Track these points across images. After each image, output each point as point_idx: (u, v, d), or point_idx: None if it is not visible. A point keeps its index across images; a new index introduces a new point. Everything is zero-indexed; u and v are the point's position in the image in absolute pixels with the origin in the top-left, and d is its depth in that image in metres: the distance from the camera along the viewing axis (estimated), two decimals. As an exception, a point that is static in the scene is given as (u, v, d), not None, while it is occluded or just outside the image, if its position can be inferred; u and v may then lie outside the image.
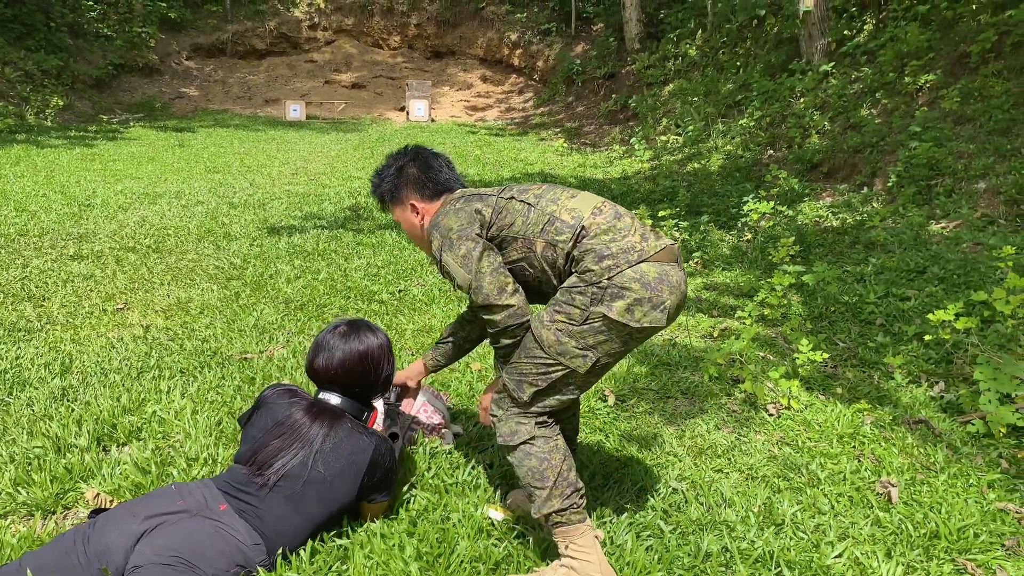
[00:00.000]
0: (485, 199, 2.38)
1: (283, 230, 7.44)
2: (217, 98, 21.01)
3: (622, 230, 2.19)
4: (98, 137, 14.39)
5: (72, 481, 2.77)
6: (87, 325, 4.60)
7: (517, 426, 2.25)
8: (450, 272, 2.29)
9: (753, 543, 2.50)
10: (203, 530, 2.07)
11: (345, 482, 2.31)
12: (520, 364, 2.23)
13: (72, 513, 2.63)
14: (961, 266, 5.38)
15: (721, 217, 8.07)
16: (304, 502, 2.26)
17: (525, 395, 2.22)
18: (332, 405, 2.45)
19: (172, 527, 2.05)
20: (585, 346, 2.14)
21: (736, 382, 3.94)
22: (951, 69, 9.17)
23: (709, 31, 15.49)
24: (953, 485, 2.92)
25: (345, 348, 2.47)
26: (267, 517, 2.19)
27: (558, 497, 2.19)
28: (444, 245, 2.31)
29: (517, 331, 2.24)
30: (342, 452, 2.32)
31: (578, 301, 2.13)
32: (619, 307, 2.09)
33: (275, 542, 2.19)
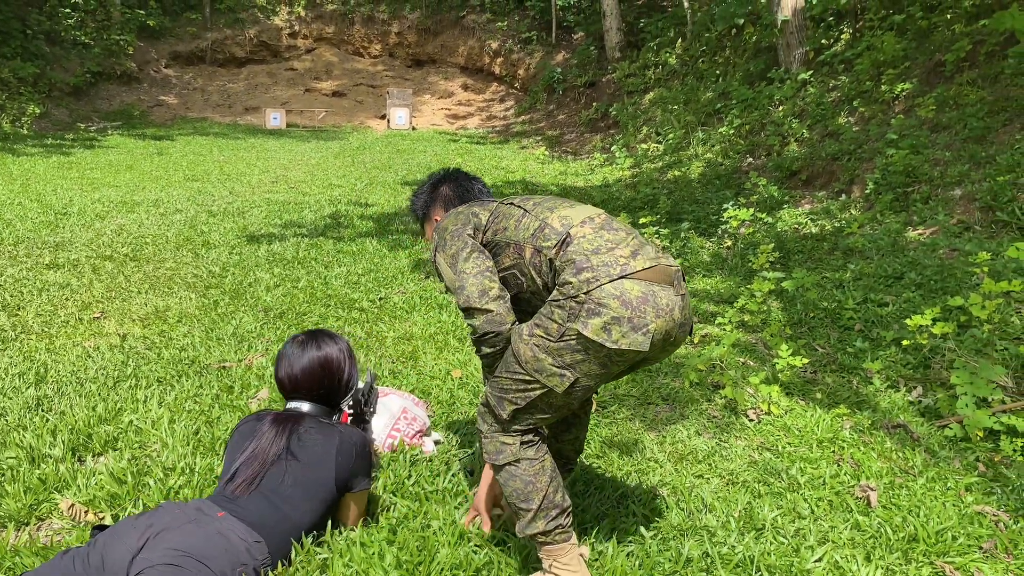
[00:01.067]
0: (485, 204, 2.39)
1: (263, 238, 7.39)
2: (196, 106, 20.89)
3: (609, 242, 2.09)
4: (75, 145, 14.26)
5: (46, 492, 2.73)
6: (63, 334, 4.55)
7: (502, 446, 2.19)
8: (439, 271, 2.28)
9: (734, 548, 2.50)
10: (206, 531, 2.08)
11: (322, 468, 2.35)
12: (501, 379, 2.16)
13: (46, 525, 2.59)
14: (938, 272, 5.43)
15: (701, 224, 8.11)
16: (290, 498, 2.29)
17: (505, 412, 2.15)
18: (301, 412, 2.48)
19: (174, 531, 2.04)
20: (563, 364, 2.03)
21: (716, 388, 3.95)
22: (927, 78, 9.29)
23: (689, 40, 15.60)
24: (931, 489, 2.94)
25: (304, 356, 2.53)
26: (261, 518, 2.21)
27: (543, 519, 2.15)
28: (439, 245, 2.30)
29: (495, 340, 2.17)
30: (312, 443, 2.37)
31: (556, 315, 2.03)
32: (595, 325, 1.97)
33: (274, 539, 2.21)
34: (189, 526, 2.08)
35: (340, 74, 23.98)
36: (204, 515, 2.15)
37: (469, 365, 4.18)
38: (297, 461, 2.33)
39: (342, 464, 2.37)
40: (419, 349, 4.47)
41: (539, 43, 21.64)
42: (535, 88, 20.61)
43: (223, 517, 2.16)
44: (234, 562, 2.06)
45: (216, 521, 2.13)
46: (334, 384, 2.57)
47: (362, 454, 2.44)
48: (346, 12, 24.46)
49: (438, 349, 4.48)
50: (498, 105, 22.26)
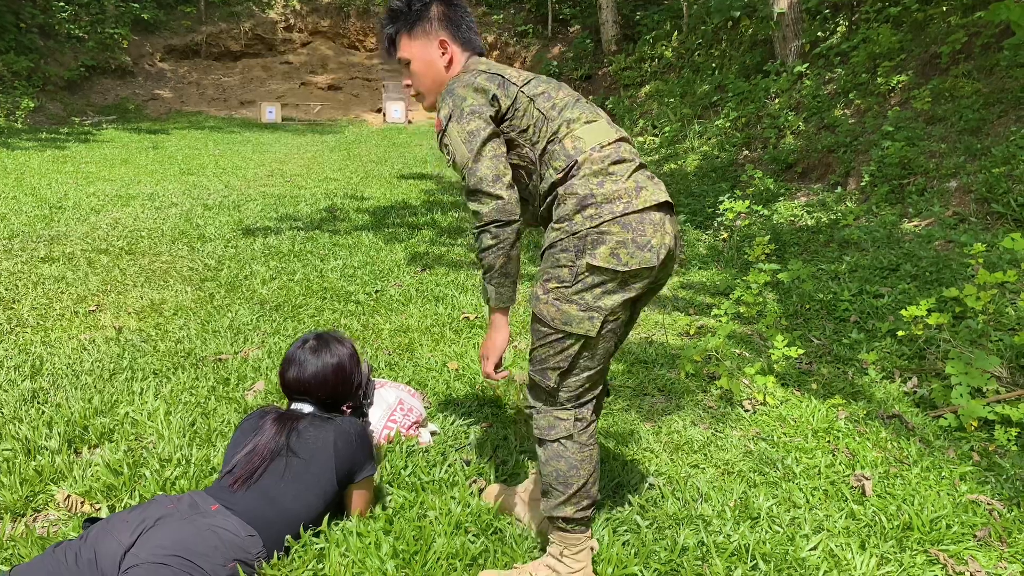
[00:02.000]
0: (507, 87, 2.16)
1: (258, 231, 7.38)
2: (191, 100, 20.83)
3: (614, 174, 2.05)
4: (70, 139, 14.21)
5: (42, 483, 2.73)
6: (58, 327, 4.54)
7: (555, 421, 2.15)
8: (450, 145, 2.11)
9: (729, 537, 2.51)
10: (196, 528, 2.07)
11: (320, 461, 2.34)
12: (537, 352, 2.13)
13: (42, 516, 2.59)
14: (933, 263, 5.44)
15: (698, 217, 8.12)
16: (288, 492, 2.28)
17: (551, 380, 2.11)
18: (303, 414, 2.48)
19: (165, 528, 2.03)
20: (587, 307, 2.02)
21: (712, 379, 3.96)
22: (922, 70, 9.29)
23: (685, 33, 15.58)
24: (926, 478, 2.95)
25: (318, 363, 2.52)
26: (256, 512, 2.21)
27: (573, 506, 2.15)
28: (454, 114, 2.12)
29: (499, 233, 2.04)
30: (311, 437, 2.37)
31: (563, 260, 2.02)
32: (603, 253, 1.98)
33: (269, 533, 2.21)
34: (181, 522, 2.07)
35: (336, 68, 23.92)
36: (197, 509, 2.14)
37: (465, 357, 4.19)
38: (296, 456, 2.33)
39: (342, 454, 2.37)
40: (415, 341, 4.47)
41: (535, 36, 21.61)
42: (531, 81, 20.55)
43: (217, 511, 2.16)
44: (226, 557, 2.06)
45: (209, 515, 2.13)
46: (343, 390, 2.59)
47: (361, 442, 2.44)
48: (341, 5, 24.39)
49: (434, 341, 4.48)
50: (494, 98, 22.20)
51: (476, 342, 4.46)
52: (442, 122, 2.15)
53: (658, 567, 2.34)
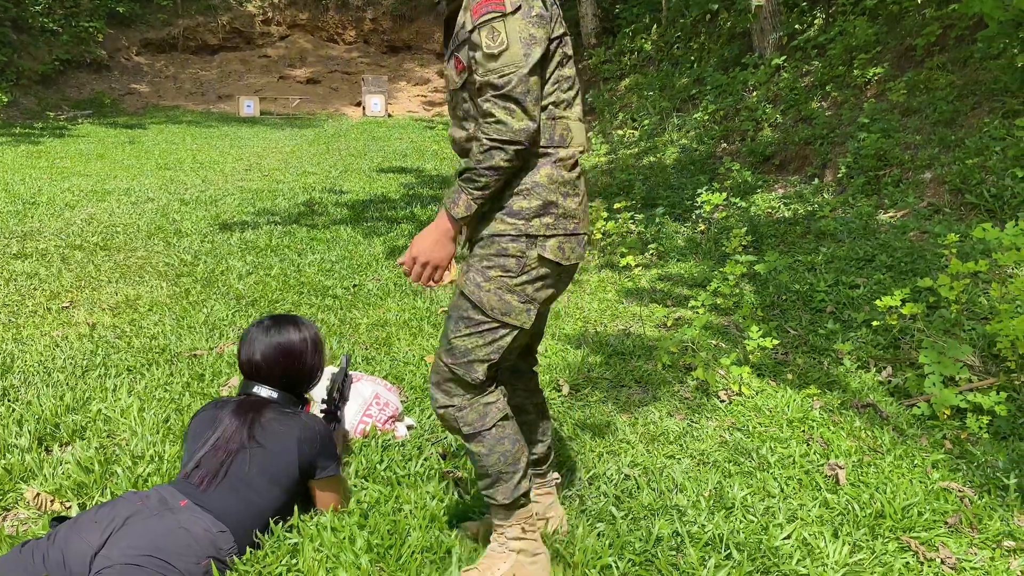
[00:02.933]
0: (565, 40, 2.05)
1: (235, 226, 7.33)
2: (169, 94, 20.62)
3: (578, 190, 2.07)
4: (45, 134, 14.04)
5: (12, 482, 2.70)
6: (30, 324, 4.49)
7: (486, 408, 2.09)
8: (503, 35, 1.85)
9: (704, 527, 2.53)
10: (167, 526, 2.05)
11: (285, 455, 2.33)
12: (462, 341, 2.04)
13: (12, 514, 2.55)
14: (908, 254, 5.49)
15: (676, 209, 8.14)
16: (255, 486, 2.27)
17: (480, 374, 2.04)
18: (261, 396, 2.45)
19: (135, 526, 2.01)
20: (527, 299, 2.01)
21: (688, 370, 3.98)
22: (898, 62, 9.35)
23: (664, 26, 15.60)
24: (898, 466, 2.98)
25: (266, 340, 2.49)
26: (225, 507, 2.19)
27: (526, 478, 2.13)
28: (523, 7, 1.89)
29: (515, 158, 1.90)
30: (275, 431, 2.35)
31: (512, 250, 1.98)
32: (552, 245, 1.99)
33: (240, 528, 2.19)
34: (151, 520, 2.05)
35: (314, 61, 23.76)
36: (167, 506, 2.12)
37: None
38: (261, 448, 2.31)
39: (305, 451, 2.35)
40: (393, 335, 4.45)
41: (515, 29, 21.54)
42: (511, 75, 20.52)
43: (186, 507, 2.13)
44: (199, 555, 2.04)
45: (179, 512, 2.11)
46: (295, 372, 2.52)
47: (325, 441, 2.42)
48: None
49: (412, 335, 4.47)
50: (474, 92, 22.16)
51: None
52: (505, 5, 1.87)
53: (633, 557, 2.35)
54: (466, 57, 1.99)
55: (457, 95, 2.10)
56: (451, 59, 2.08)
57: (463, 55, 2.01)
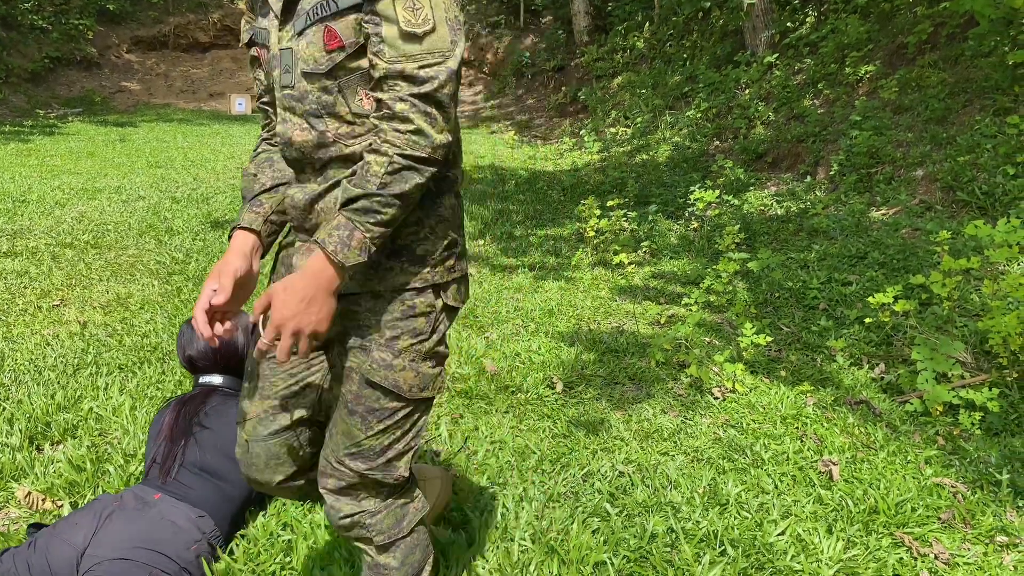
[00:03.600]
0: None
1: (227, 224, 7.29)
2: (159, 92, 20.53)
3: (463, 223, 1.70)
4: (34, 132, 13.95)
5: (2, 481, 2.68)
6: (20, 323, 4.46)
7: (404, 508, 1.71)
8: (423, 8, 1.38)
9: (698, 523, 2.53)
10: (149, 518, 2.07)
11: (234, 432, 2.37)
12: (373, 441, 1.59)
13: (3, 514, 2.54)
14: (900, 251, 5.51)
15: (669, 207, 8.14)
16: (217, 468, 2.30)
17: (403, 470, 1.64)
18: (214, 386, 2.54)
19: (118, 523, 2.02)
20: (439, 360, 1.64)
21: (682, 367, 3.98)
22: (889, 60, 9.38)
23: (656, 24, 15.61)
24: (892, 462, 2.98)
25: (194, 335, 2.59)
26: (196, 494, 2.22)
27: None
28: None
29: (428, 180, 1.44)
30: (219, 412, 2.41)
31: (420, 306, 1.56)
32: (453, 290, 1.64)
33: (216, 511, 2.22)
34: (132, 515, 2.06)
35: (306, 59, 23.67)
36: (143, 502, 2.13)
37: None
38: (211, 431, 2.35)
39: None
40: (386, 333, 4.44)
41: (507, 27, 21.53)
42: (504, 73, 20.52)
43: (160, 499, 2.16)
44: (186, 541, 2.06)
45: (156, 505, 2.13)
46: (229, 356, 2.60)
47: None
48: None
49: (405, 333, 4.46)
50: (467, 90, 22.14)
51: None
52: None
53: (627, 554, 2.35)
54: (349, 29, 1.43)
55: (315, 81, 1.48)
56: (311, 27, 1.46)
57: (342, 25, 1.43)
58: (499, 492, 2.69)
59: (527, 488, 2.72)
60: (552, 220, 7.96)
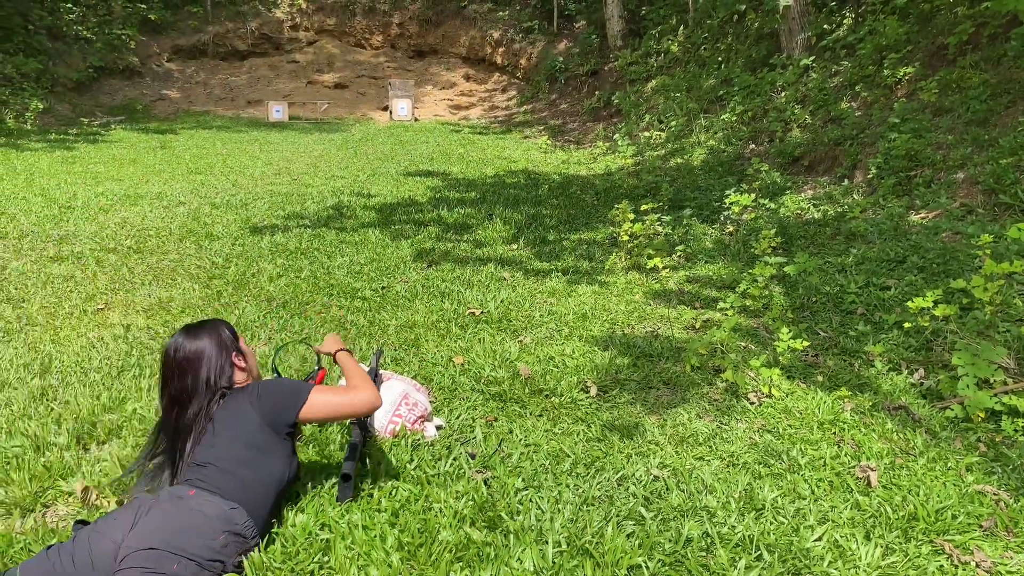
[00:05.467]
0: None
1: (265, 229, 7.41)
2: (199, 100, 20.88)
3: None
4: (79, 140, 14.28)
5: (51, 479, 2.76)
6: (67, 326, 4.57)
7: None
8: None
9: (734, 528, 2.52)
10: (180, 510, 2.16)
11: (246, 421, 2.41)
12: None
13: (51, 511, 2.61)
14: (940, 255, 5.42)
15: (704, 211, 8.10)
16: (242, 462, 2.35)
17: None
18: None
19: (153, 517, 2.12)
20: None
21: (718, 371, 3.96)
22: (929, 61, 9.24)
23: (691, 27, 15.54)
24: (932, 469, 2.95)
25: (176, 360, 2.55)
26: (227, 486, 2.28)
27: None
28: None
29: None
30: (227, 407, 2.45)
31: None
32: None
33: (247, 501, 2.29)
34: (167, 508, 2.16)
35: (342, 66, 23.93)
36: (178, 497, 2.22)
37: (471, 352, 4.20)
38: (223, 425, 2.40)
39: (261, 404, 2.43)
40: (421, 336, 4.48)
41: (541, 32, 21.58)
42: (537, 77, 20.56)
43: (195, 494, 2.24)
44: (215, 530, 2.16)
45: (190, 499, 2.21)
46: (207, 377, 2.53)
47: (277, 386, 2.50)
48: (347, 3, 24.39)
49: (440, 336, 4.49)
50: (500, 95, 22.22)
51: (482, 337, 4.47)
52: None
53: (662, 558, 2.35)
54: None
55: None
56: None
57: None
58: (534, 494, 2.70)
59: (562, 491, 2.74)
60: (585, 224, 7.96)
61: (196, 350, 2.51)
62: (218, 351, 2.54)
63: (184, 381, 2.47)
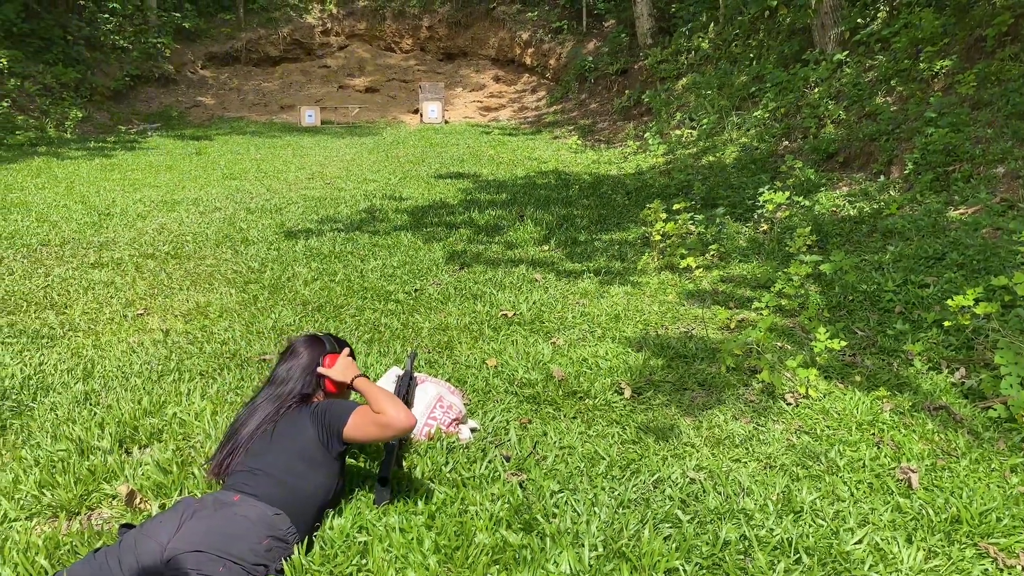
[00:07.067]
0: None
1: (300, 234, 7.49)
2: (233, 106, 21.17)
3: None
4: (117, 147, 14.55)
5: (95, 482, 2.82)
6: (108, 331, 4.66)
7: None
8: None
9: (772, 531, 2.50)
10: (225, 515, 2.21)
11: (304, 432, 2.48)
12: None
13: (96, 514, 2.67)
14: (980, 252, 5.32)
15: (737, 209, 8.03)
16: (294, 472, 2.40)
17: None
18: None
19: (199, 522, 2.15)
20: None
21: (753, 372, 3.92)
22: (967, 54, 9.07)
23: (721, 24, 15.41)
24: (975, 470, 2.89)
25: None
26: (273, 495, 2.33)
27: None
28: None
29: None
30: (290, 419, 2.54)
31: None
32: None
33: (293, 512, 2.33)
34: (211, 513, 2.20)
35: (373, 70, 24.11)
36: (222, 503, 2.26)
37: (504, 354, 4.20)
38: (285, 437, 2.48)
39: (318, 418, 2.50)
40: (454, 339, 4.50)
41: (569, 32, 21.55)
42: (566, 77, 20.53)
43: (239, 500, 2.28)
44: (259, 535, 2.20)
45: (234, 505, 2.25)
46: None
47: (333, 405, 2.55)
48: (377, 8, 24.57)
49: (473, 339, 4.51)
50: (530, 96, 22.22)
51: (514, 339, 4.48)
52: None
53: (700, 561, 2.34)
54: None
55: None
56: None
57: None
58: (569, 497, 2.70)
59: (597, 494, 2.73)
60: (617, 224, 7.94)
61: (296, 347, 2.75)
62: (308, 361, 2.71)
63: (280, 363, 2.73)
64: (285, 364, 2.72)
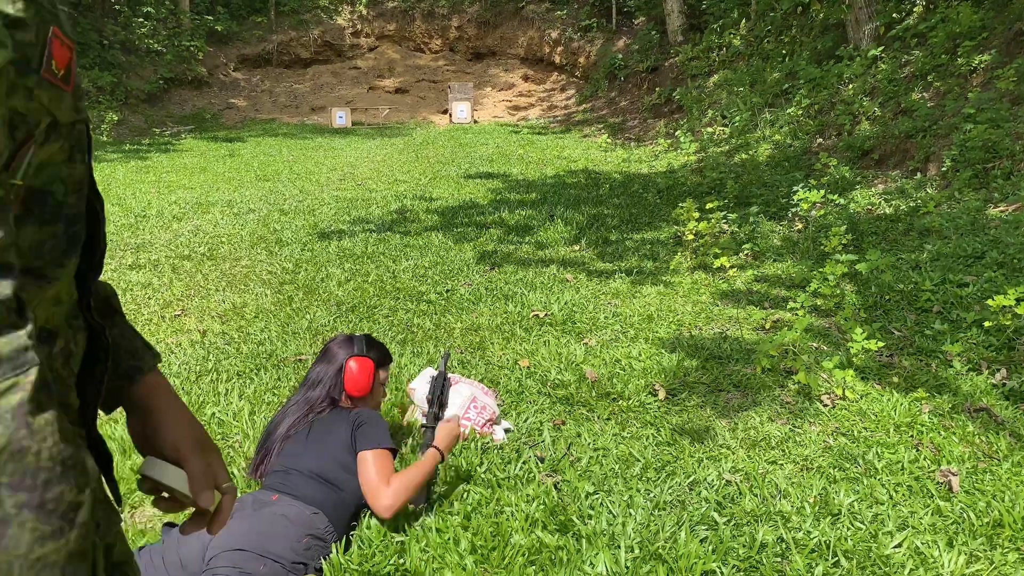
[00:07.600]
0: None
1: (332, 234, 7.56)
2: (265, 108, 21.40)
3: None
4: (152, 150, 14.78)
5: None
6: (146, 332, 4.74)
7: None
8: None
9: (809, 533, 2.48)
10: (265, 515, 2.25)
11: (340, 433, 2.54)
12: None
13: (138, 512, 2.72)
14: (1021, 250, 5.22)
15: (771, 208, 7.96)
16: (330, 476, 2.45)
17: None
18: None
19: (237, 520, 2.19)
20: None
21: (789, 373, 3.89)
22: (1006, 48, 8.90)
23: (753, 20, 15.28)
24: (1017, 473, 2.85)
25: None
26: (311, 495, 2.37)
27: None
28: None
29: None
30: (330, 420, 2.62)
31: None
32: None
33: (329, 509, 2.37)
34: (251, 512, 2.25)
35: (402, 71, 24.24)
36: (261, 503, 2.30)
37: (536, 355, 4.21)
38: (322, 437, 2.54)
39: (354, 434, 2.54)
40: (486, 339, 4.52)
41: (599, 30, 21.49)
42: (596, 76, 20.48)
43: (278, 500, 2.32)
44: (299, 534, 2.23)
45: (273, 505, 2.29)
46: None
47: (371, 419, 2.58)
48: (407, 8, 24.69)
49: (505, 339, 4.52)
50: (559, 94, 22.20)
51: (546, 340, 4.48)
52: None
53: (737, 563, 2.33)
54: None
55: None
56: None
57: None
58: (604, 499, 2.70)
59: (633, 495, 2.73)
60: (648, 223, 7.91)
61: (330, 349, 2.84)
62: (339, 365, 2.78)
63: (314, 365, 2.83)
64: (318, 367, 2.78)
